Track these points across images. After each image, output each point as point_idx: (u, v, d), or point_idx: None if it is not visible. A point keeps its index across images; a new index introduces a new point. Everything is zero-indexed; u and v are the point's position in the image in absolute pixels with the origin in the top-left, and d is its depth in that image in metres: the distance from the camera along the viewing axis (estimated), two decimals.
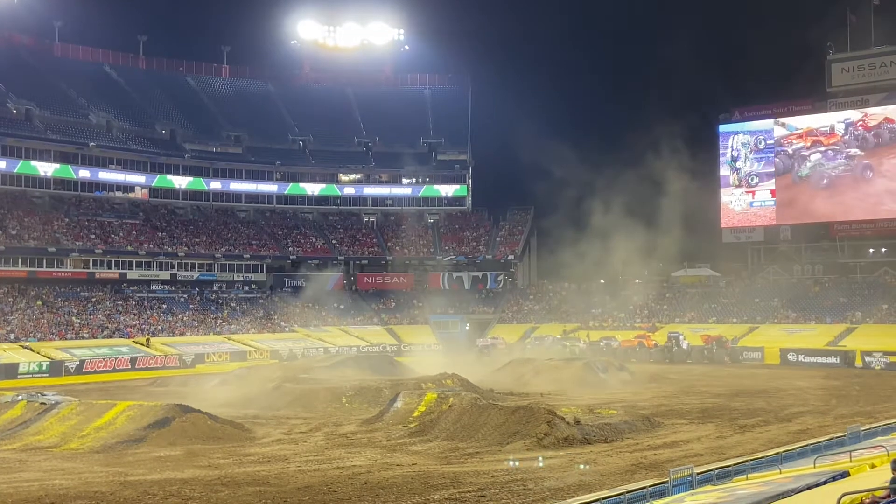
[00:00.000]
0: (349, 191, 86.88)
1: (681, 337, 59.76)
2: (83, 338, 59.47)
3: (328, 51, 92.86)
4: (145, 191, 77.97)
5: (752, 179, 73.55)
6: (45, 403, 28.60)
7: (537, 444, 22.76)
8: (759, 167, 73.21)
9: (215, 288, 75.08)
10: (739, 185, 74.11)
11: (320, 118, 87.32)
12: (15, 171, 69.72)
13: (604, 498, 12.26)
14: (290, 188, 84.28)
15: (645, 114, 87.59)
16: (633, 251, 65.15)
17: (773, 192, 72.37)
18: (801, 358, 55.51)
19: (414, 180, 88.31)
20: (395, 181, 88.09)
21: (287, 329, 69.96)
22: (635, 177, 63.77)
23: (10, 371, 50.48)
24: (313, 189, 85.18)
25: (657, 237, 64.88)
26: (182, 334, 64.73)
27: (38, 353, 54.40)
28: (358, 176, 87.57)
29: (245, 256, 76.84)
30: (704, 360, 56.74)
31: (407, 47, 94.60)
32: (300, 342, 66.16)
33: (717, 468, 14.46)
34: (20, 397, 30.40)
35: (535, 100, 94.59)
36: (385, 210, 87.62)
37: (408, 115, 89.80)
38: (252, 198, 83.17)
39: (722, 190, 74.59)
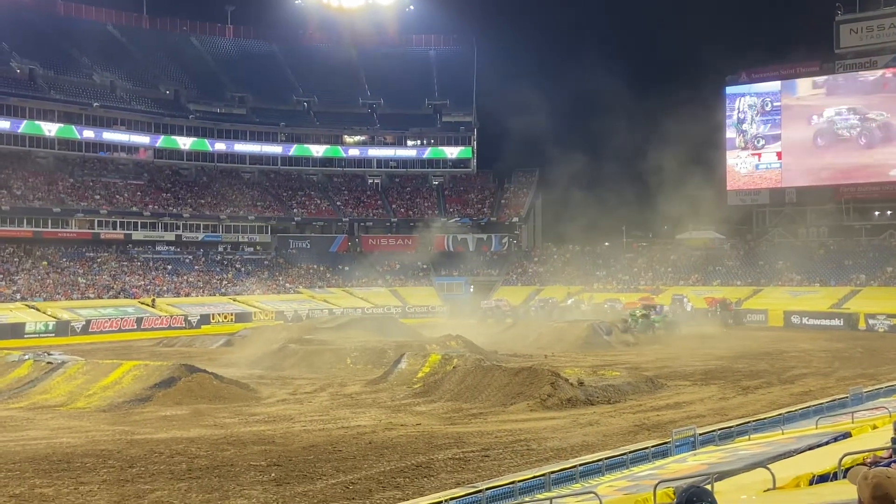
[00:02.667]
0: (354, 152, 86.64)
1: (685, 299, 59.80)
2: (89, 298, 59.69)
3: (333, 11, 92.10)
4: (149, 151, 77.82)
5: (758, 142, 73.16)
6: (51, 363, 28.78)
7: (540, 405, 22.88)
8: (766, 129, 72.78)
9: (220, 249, 75.20)
10: (745, 148, 73.74)
11: (325, 79, 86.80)
12: (19, 130, 69.52)
13: (606, 458, 12.33)
14: (294, 149, 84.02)
15: (651, 76, 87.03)
16: (637, 214, 65.13)
17: (779, 155, 72.02)
18: (804, 320, 55.59)
19: (419, 142, 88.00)
20: (399, 143, 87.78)
21: (292, 290, 70.13)
22: (641, 139, 63.68)
23: (17, 331, 50.75)
24: (318, 150, 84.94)
25: (662, 200, 64.78)
26: (187, 295, 64.95)
27: (44, 312, 54.63)
28: (363, 137, 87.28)
29: (250, 218, 76.84)
30: (708, 323, 56.79)
31: (412, 7, 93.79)
32: (305, 303, 66.33)
33: (719, 429, 14.54)
34: (27, 356, 30.58)
35: (541, 62, 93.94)
36: (390, 172, 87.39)
37: (413, 77, 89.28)
38: (256, 159, 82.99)
39: (728, 152, 74.22)
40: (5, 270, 60.05)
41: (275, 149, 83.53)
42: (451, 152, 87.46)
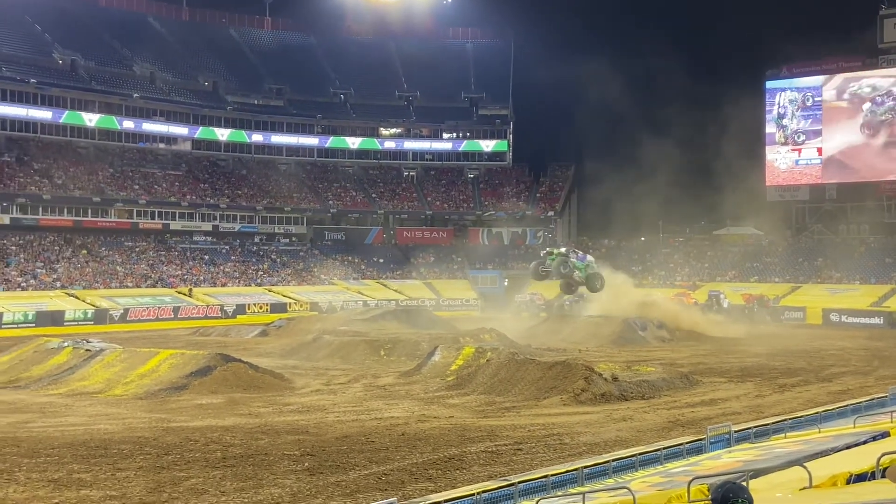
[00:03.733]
0: (390, 145, 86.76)
1: (721, 295, 59.32)
2: (127, 287, 60.39)
3: (371, 3, 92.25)
4: (188, 142, 78.49)
5: (798, 137, 72.33)
6: (90, 350, 29.09)
7: (574, 400, 22.81)
8: (807, 125, 71.93)
9: (256, 240, 75.74)
10: (785, 143, 72.94)
11: (362, 71, 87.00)
12: (61, 121, 70.42)
13: (640, 453, 12.26)
14: (331, 141, 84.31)
15: (690, 70, 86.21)
16: (674, 209, 64.66)
17: (819, 151, 71.18)
18: (843, 318, 54.95)
19: (455, 135, 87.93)
20: (435, 136, 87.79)
21: (326, 282, 70.46)
22: (679, 134, 63.13)
23: (57, 318, 51.50)
24: (354, 143, 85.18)
25: (700, 195, 64.29)
26: (223, 285, 65.48)
27: (83, 301, 55.35)
28: (399, 130, 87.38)
29: (286, 209, 77.29)
30: (745, 319, 56.28)
31: (449, 0, 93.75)
32: (339, 295, 66.62)
33: (755, 426, 14.40)
34: (66, 344, 30.94)
35: (578, 55, 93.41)
36: (425, 164, 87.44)
37: (449, 70, 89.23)
38: (293, 151, 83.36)
39: (767, 147, 73.47)
40: (46, 259, 60.88)
41: (311, 140, 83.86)
42: (487, 145, 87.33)
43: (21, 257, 59.96)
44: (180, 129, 77.58)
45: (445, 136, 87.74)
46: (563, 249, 46.16)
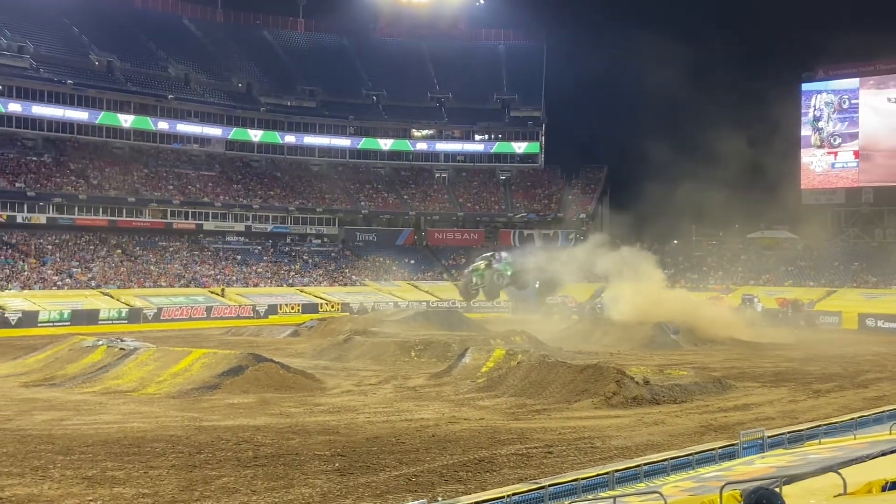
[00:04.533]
0: (421, 146, 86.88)
1: (755, 299, 58.80)
2: (161, 286, 60.91)
3: (403, 5, 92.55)
4: (221, 143, 79.07)
5: (834, 140, 71.56)
6: (124, 349, 29.35)
7: (605, 403, 22.69)
8: (843, 127, 71.14)
9: (288, 240, 76.13)
10: (821, 146, 72.19)
11: (394, 73, 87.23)
12: (97, 121, 71.24)
13: (672, 458, 12.18)
14: (363, 143, 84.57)
15: (724, 72, 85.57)
16: (708, 211, 64.15)
17: (856, 154, 70.39)
18: (880, 323, 54.23)
19: (486, 136, 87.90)
20: (467, 137, 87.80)
21: (358, 283, 70.66)
22: (712, 136, 62.61)
23: (92, 317, 52.05)
24: (386, 144, 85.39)
25: (734, 198, 63.68)
26: (256, 285, 65.86)
27: (117, 300, 55.90)
28: (430, 131, 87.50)
29: (318, 210, 77.63)
30: (779, 324, 55.74)
31: (482, 1, 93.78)
32: (370, 296, 66.76)
33: (788, 432, 14.25)
34: (101, 342, 31.25)
35: (611, 57, 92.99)
36: (457, 166, 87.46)
37: (481, 71, 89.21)
38: (325, 152, 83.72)
39: (803, 150, 72.76)
40: (81, 258, 61.56)
41: (343, 142, 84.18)
42: (519, 147, 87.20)
43: (57, 256, 60.67)
44: (214, 130, 78.18)
45: (477, 137, 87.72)
46: (481, 263, 44.43)
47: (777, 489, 7.48)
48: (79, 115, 70.15)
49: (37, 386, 26.60)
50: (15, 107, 67.26)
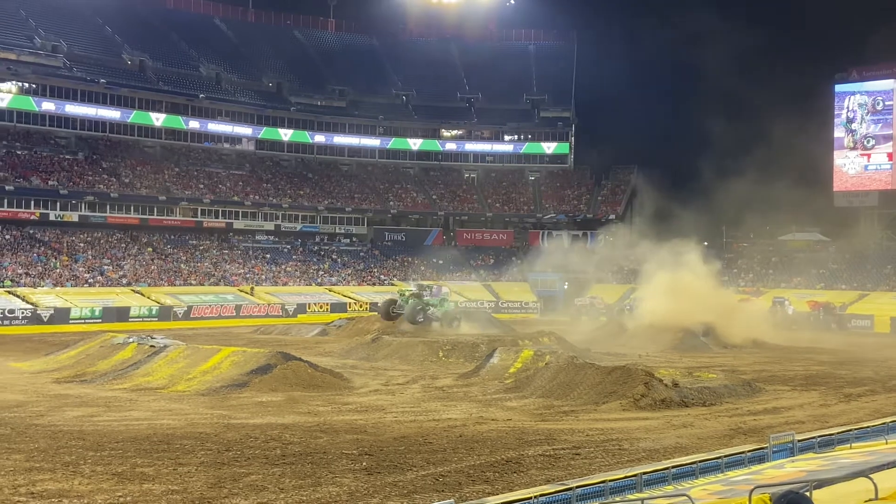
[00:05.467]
0: (451, 146, 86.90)
1: (786, 302, 58.31)
2: (191, 284, 61.33)
3: (433, 5, 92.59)
4: (251, 143, 79.53)
5: (867, 142, 70.79)
6: (154, 346, 29.56)
7: (634, 405, 22.58)
8: (877, 129, 70.37)
9: (317, 240, 76.42)
10: (854, 148, 71.46)
11: (423, 73, 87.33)
12: (129, 120, 71.89)
13: (701, 461, 12.10)
14: (392, 143, 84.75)
15: (756, 73, 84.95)
16: (738, 213, 63.71)
17: (889, 156, 69.59)
18: None
19: (516, 137, 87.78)
20: (496, 137, 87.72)
21: (386, 282, 70.77)
22: (744, 137, 62.24)
23: (122, 314, 52.54)
24: (415, 144, 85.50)
25: (765, 199, 63.24)
26: (285, 284, 66.16)
27: (148, 297, 56.38)
28: (460, 132, 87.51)
29: (347, 209, 77.87)
30: (811, 327, 55.22)
31: (512, 2, 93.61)
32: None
33: (819, 436, 14.10)
34: (131, 339, 31.48)
35: (642, 58, 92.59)
36: (486, 166, 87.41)
37: (511, 72, 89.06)
38: (355, 151, 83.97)
39: (835, 152, 72.05)
40: (113, 256, 62.13)
41: (373, 141, 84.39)
42: (549, 148, 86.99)
43: (89, 254, 61.27)
44: (244, 130, 78.66)
45: (507, 137, 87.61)
46: (414, 289, 42.44)
47: (807, 493, 7.42)
48: (111, 114, 70.84)
49: (68, 382, 26.86)
50: (49, 106, 68.02)
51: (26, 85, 67.34)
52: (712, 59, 69.19)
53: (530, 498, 9.98)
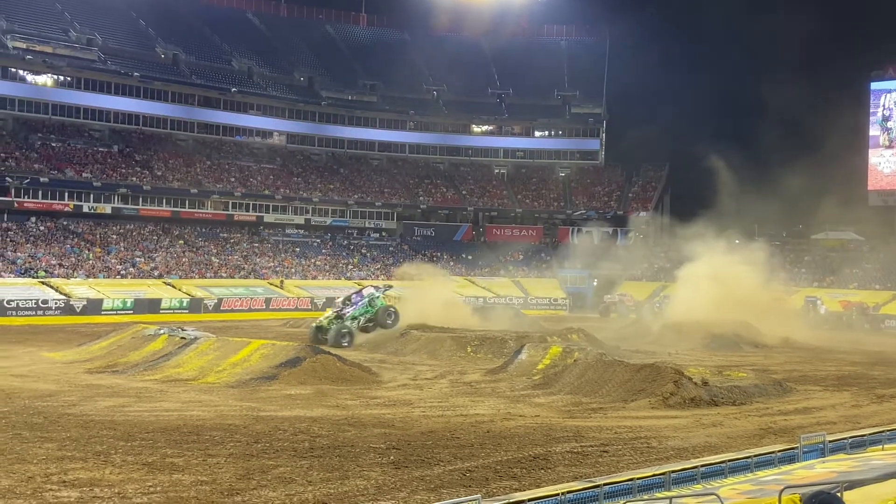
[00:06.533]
0: (481, 142, 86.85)
1: (818, 301, 57.75)
2: (221, 277, 61.74)
3: (464, 1, 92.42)
4: (283, 137, 79.89)
5: None
6: (184, 338, 29.75)
7: (662, 403, 22.45)
8: None
9: (347, 234, 76.65)
10: (890, 146, 70.64)
11: (454, 68, 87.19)
12: (162, 113, 72.46)
13: (730, 460, 12.01)
14: (422, 138, 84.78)
15: (790, 70, 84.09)
16: (770, 212, 63.14)
17: None
18: None
19: (546, 133, 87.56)
20: (527, 133, 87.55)
21: (415, 277, 70.68)
22: (776, 135, 61.66)
23: (154, 306, 52.99)
24: (445, 139, 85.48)
25: (798, 198, 62.63)
26: (314, 278, 66.42)
27: (179, 290, 56.80)
28: (490, 127, 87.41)
29: (377, 204, 78.03)
30: (843, 327, 54.67)
31: None
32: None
33: (850, 437, 13.96)
34: (162, 331, 31.73)
35: (674, 55, 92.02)
36: (516, 162, 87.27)
37: (542, 67, 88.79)
38: (385, 146, 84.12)
39: (870, 150, 71.26)
40: (145, 248, 62.67)
41: (403, 136, 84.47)
42: (579, 144, 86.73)
43: (121, 246, 61.84)
44: (276, 124, 79.01)
45: (537, 133, 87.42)
46: (332, 313, 38.92)
47: (838, 494, 7.35)
48: (144, 107, 71.40)
49: (100, 372, 27.12)
50: (83, 98, 68.74)
51: (62, 78, 68.06)
52: (745, 55, 68.69)
53: (558, 494, 9.95)
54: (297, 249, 70.99)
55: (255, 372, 25.54)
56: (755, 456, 12.40)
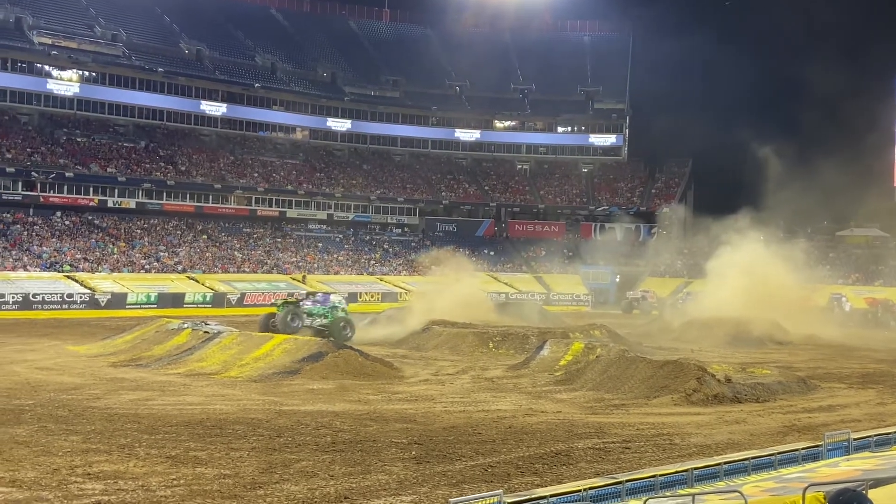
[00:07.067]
0: (503, 137, 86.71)
1: (843, 299, 57.31)
2: (244, 272, 62.02)
3: None
4: (306, 132, 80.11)
5: None
6: (208, 332, 29.89)
7: (685, 400, 22.34)
8: None
9: (369, 229, 76.77)
10: None
11: (477, 64, 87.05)
12: (186, 109, 72.84)
13: (753, 457, 11.94)
14: (445, 133, 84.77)
15: (814, 65, 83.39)
16: (796, 207, 62.67)
17: None
18: None
19: (569, 128, 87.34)
20: (549, 129, 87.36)
21: (437, 273, 70.76)
22: (801, 131, 61.19)
23: (177, 300, 53.31)
24: (468, 135, 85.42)
25: (823, 194, 62.15)
26: (336, 273, 66.60)
27: (202, 284, 57.13)
28: (513, 123, 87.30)
29: (399, 200, 78.11)
30: (868, 324, 54.20)
31: None
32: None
33: (876, 434, 13.83)
34: (186, 325, 31.88)
35: (698, 49, 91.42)
36: (539, 158, 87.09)
37: (565, 63, 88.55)
38: (407, 142, 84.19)
39: None
40: (168, 242, 63.05)
41: (426, 132, 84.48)
42: (602, 140, 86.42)
43: (145, 240, 62.24)
44: (299, 119, 79.23)
45: (560, 129, 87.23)
46: (291, 298, 38.69)
47: (863, 492, 7.29)
48: (169, 102, 71.79)
49: (124, 366, 27.30)
50: (108, 94, 69.23)
51: (87, 73, 68.54)
52: (770, 53, 68.22)
53: (580, 490, 9.93)
54: (320, 245, 71.19)
55: (277, 366, 25.63)
56: (779, 453, 12.31)
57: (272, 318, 34.88)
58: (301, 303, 36.58)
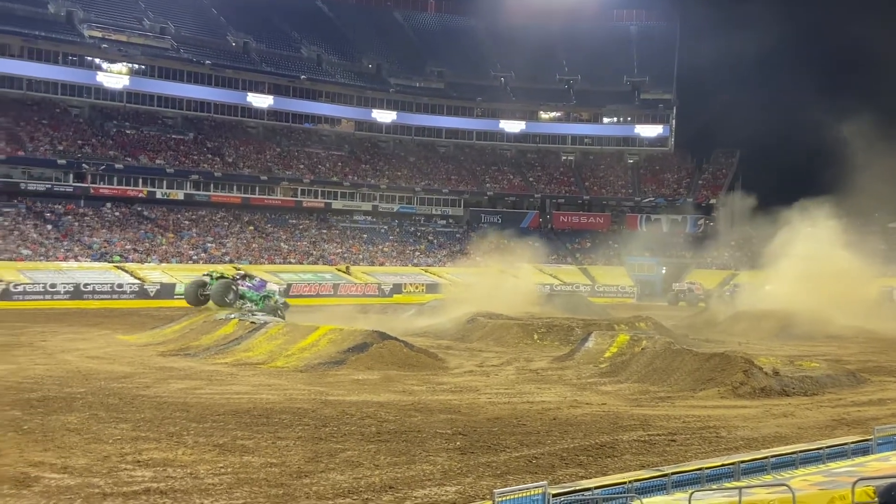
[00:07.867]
0: (548, 128, 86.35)
1: (895, 291, 56.31)
2: (290, 263, 62.48)
3: None
4: (351, 123, 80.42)
5: None
6: (254, 323, 30.18)
7: (732, 393, 22.13)
8: None
9: (414, 220, 76.91)
10: None
11: (522, 55, 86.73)
12: (233, 101, 73.55)
13: (801, 451, 11.81)
14: (490, 124, 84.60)
15: (865, 54, 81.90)
16: (845, 200, 61.63)
17: None
18: None
19: (615, 119, 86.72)
20: (595, 120, 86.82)
21: (482, 264, 70.77)
22: (850, 121, 60.10)
23: None
24: (513, 126, 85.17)
25: (873, 185, 61.05)
26: (381, 264, 66.85)
27: None
28: (558, 114, 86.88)
29: (444, 191, 78.14)
30: None
31: None
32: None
33: None
34: (233, 316, 32.18)
35: (747, 38, 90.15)
36: (584, 149, 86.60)
37: (611, 53, 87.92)
38: (452, 133, 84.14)
39: None
40: (216, 234, 63.72)
41: (470, 123, 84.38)
42: (648, 131, 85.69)
43: (193, 231, 62.96)
44: (344, 111, 79.55)
45: (605, 120, 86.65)
46: (225, 273, 37.30)
47: None
48: (216, 94, 72.49)
49: (173, 355, 27.65)
50: (156, 86, 70.06)
51: (136, 66, 69.41)
52: (820, 40, 67.12)
53: (625, 483, 9.91)
54: (365, 236, 71.50)
55: (323, 356, 25.80)
56: (827, 447, 12.19)
57: (202, 289, 34.24)
58: (238, 282, 35.75)
